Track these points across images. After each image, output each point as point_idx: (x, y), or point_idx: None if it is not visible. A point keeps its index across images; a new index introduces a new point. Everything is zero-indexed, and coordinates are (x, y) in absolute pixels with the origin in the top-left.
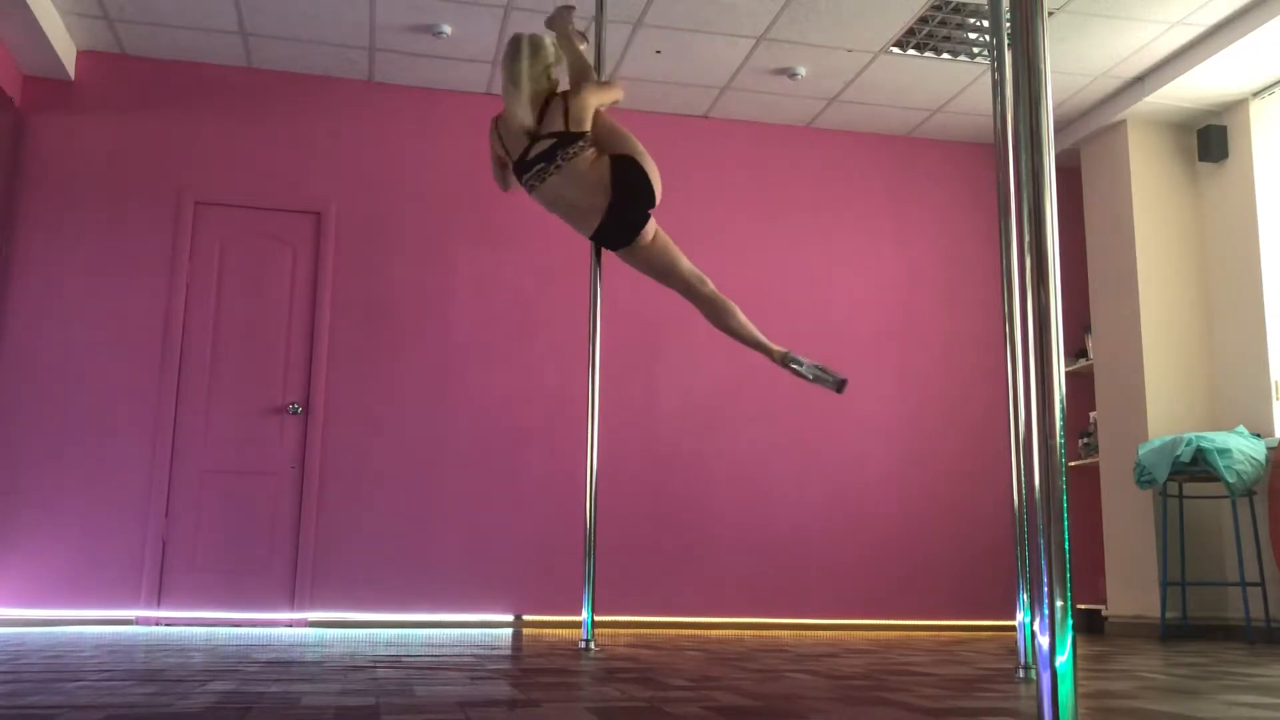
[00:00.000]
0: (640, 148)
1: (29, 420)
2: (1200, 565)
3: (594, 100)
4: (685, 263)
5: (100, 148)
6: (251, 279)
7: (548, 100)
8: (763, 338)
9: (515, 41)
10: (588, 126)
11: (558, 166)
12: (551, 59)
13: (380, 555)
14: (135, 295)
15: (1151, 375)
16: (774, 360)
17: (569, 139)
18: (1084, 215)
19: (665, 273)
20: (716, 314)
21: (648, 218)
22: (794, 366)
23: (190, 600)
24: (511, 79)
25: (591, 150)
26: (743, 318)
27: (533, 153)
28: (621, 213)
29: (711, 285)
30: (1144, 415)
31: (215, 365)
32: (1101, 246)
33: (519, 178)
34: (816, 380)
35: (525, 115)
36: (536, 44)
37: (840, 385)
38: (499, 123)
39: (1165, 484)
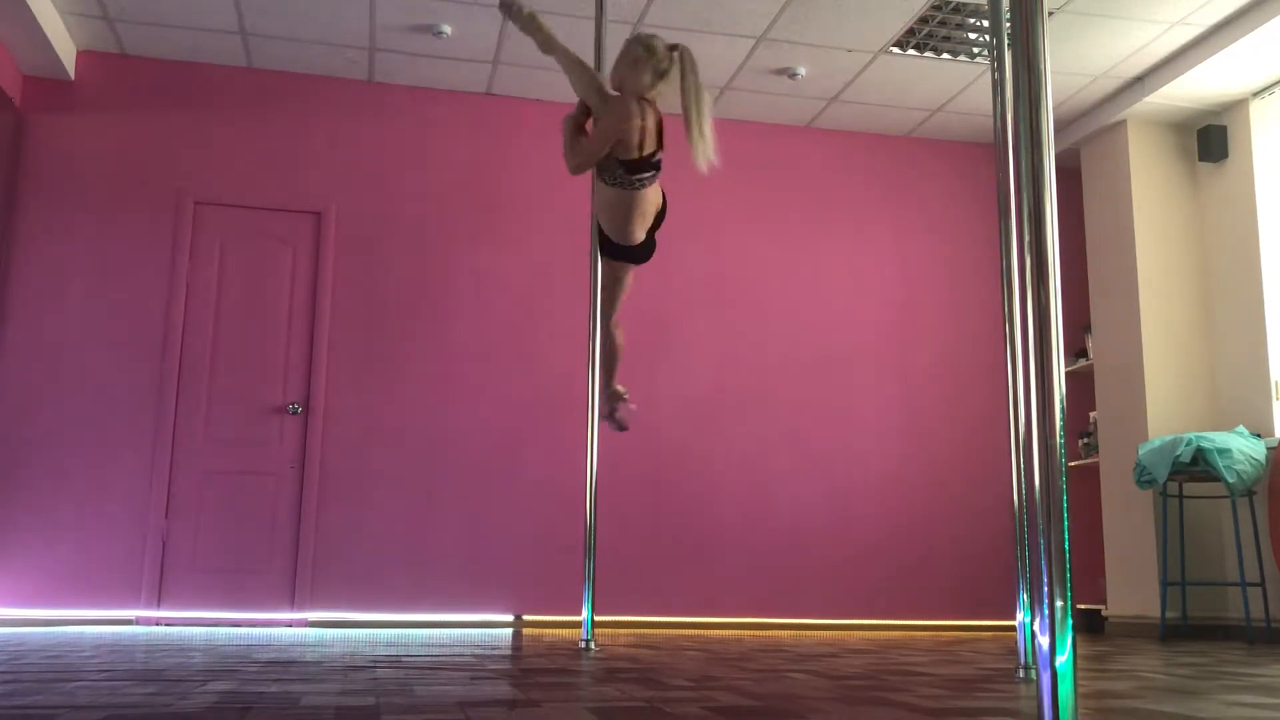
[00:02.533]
0: None
1: (29, 420)
2: (1200, 565)
3: None
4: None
5: (100, 148)
6: (251, 279)
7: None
8: (615, 377)
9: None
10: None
11: (643, 185)
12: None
13: (380, 555)
14: (135, 295)
15: (1151, 375)
16: (610, 399)
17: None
18: (1084, 215)
19: (621, 295)
20: (616, 342)
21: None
22: (618, 403)
23: (190, 600)
24: (704, 110)
25: None
26: (618, 362)
27: (656, 157)
28: (651, 236)
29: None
30: (1144, 415)
31: (215, 365)
32: (1101, 246)
33: (631, 171)
34: (613, 418)
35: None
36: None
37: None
38: (646, 112)
39: (1165, 484)
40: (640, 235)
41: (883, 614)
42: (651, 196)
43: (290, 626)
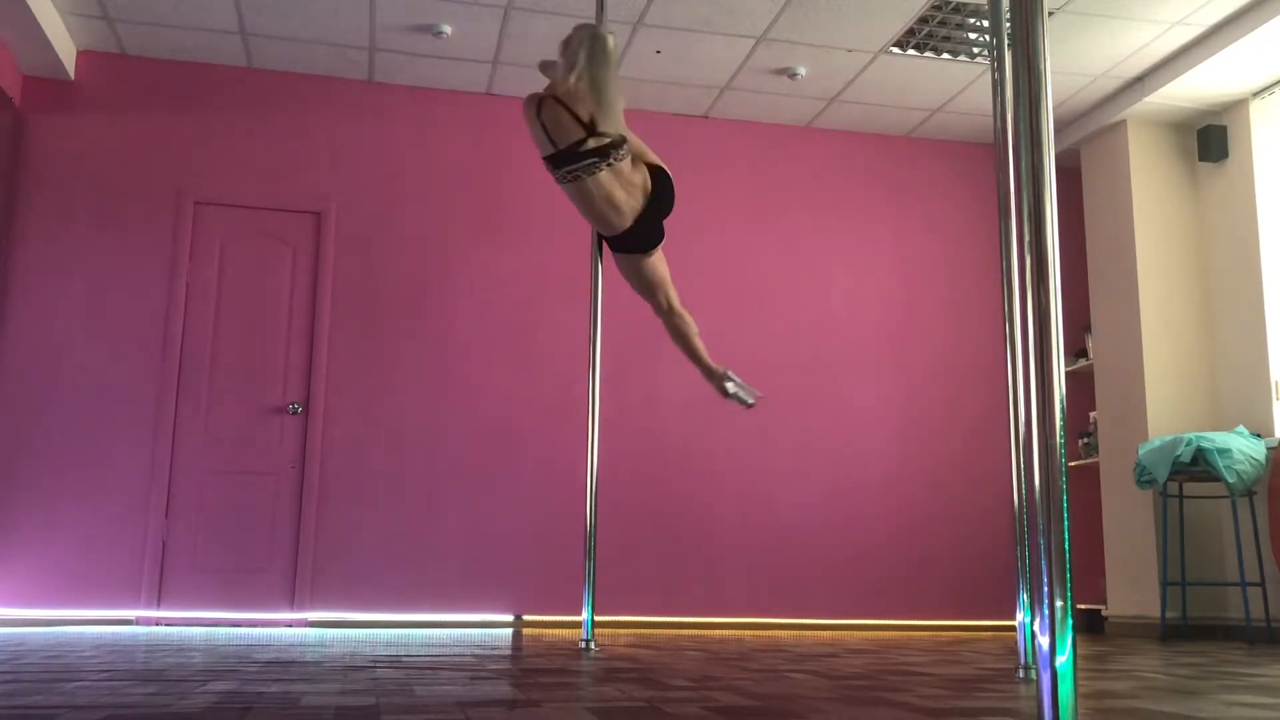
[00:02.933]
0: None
1: (29, 420)
2: (1200, 565)
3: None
4: (668, 279)
5: (100, 148)
6: (251, 279)
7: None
8: (708, 360)
9: (605, 43)
10: (623, 130)
11: (609, 164)
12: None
13: (380, 555)
14: (135, 295)
15: (1151, 375)
16: (713, 381)
17: (620, 142)
18: (1084, 215)
19: (654, 284)
20: (681, 331)
21: (663, 230)
22: (727, 385)
23: (190, 600)
24: (599, 86)
25: (630, 157)
26: (699, 340)
27: (588, 146)
28: (651, 219)
29: (680, 305)
30: (1144, 415)
31: (215, 365)
32: (1101, 246)
33: (556, 166)
34: (734, 396)
35: (619, 121)
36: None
37: (752, 402)
38: (543, 107)
39: (1165, 484)
40: (619, 222)
41: (883, 614)
42: (610, 182)
43: (290, 626)
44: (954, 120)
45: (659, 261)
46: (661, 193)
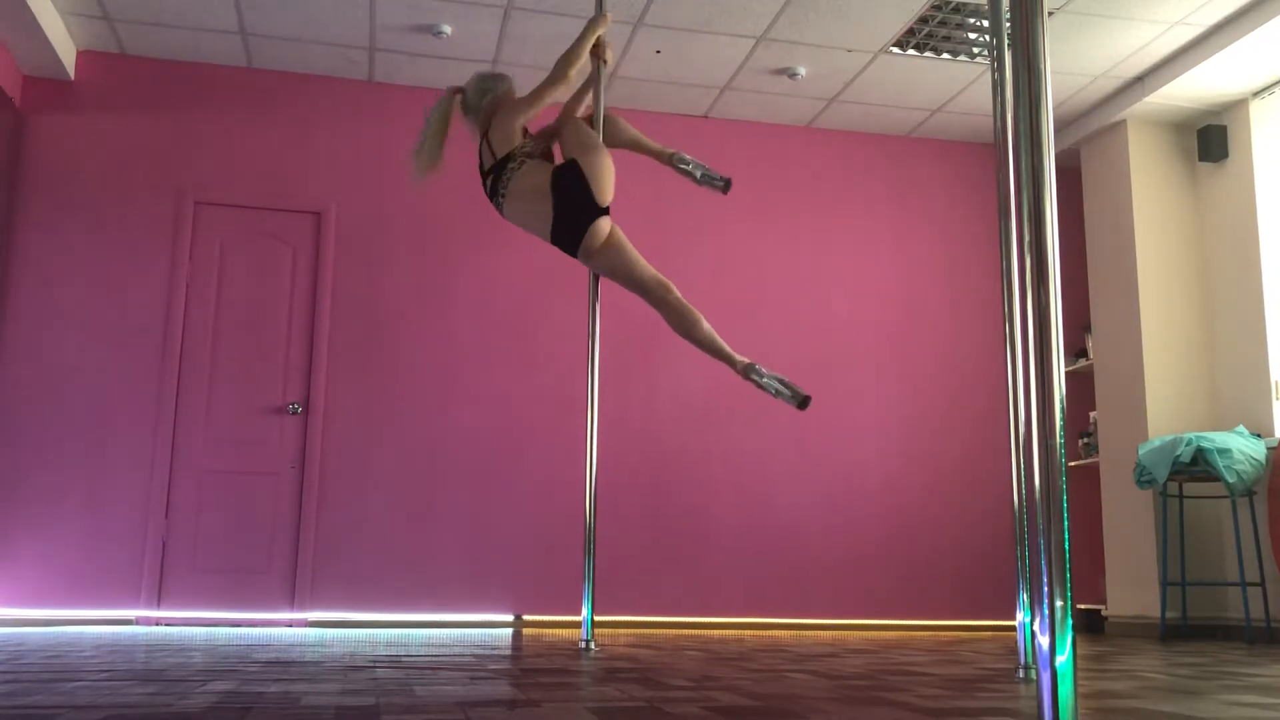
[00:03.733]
0: (591, 146)
1: (29, 420)
2: (1200, 565)
3: (513, 118)
4: (645, 267)
5: (100, 148)
6: (251, 279)
7: (485, 138)
8: (727, 348)
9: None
10: (514, 144)
11: (502, 196)
12: (475, 104)
13: (380, 555)
14: (135, 295)
15: (1151, 375)
16: (736, 371)
17: (499, 167)
18: (1084, 215)
19: (625, 277)
20: (681, 322)
21: (592, 220)
22: (755, 378)
23: (190, 600)
24: (420, 136)
25: (531, 161)
26: (707, 327)
27: (487, 189)
28: (566, 217)
29: (677, 292)
30: (1144, 415)
31: (215, 365)
32: (1101, 246)
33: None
34: (778, 395)
35: (421, 172)
36: (459, 99)
37: (803, 402)
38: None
39: (1165, 484)
40: (544, 230)
41: (883, 614)
42: (515, 207)
43: (290, 626)
44: (954, 120)
45: (611, 251)
46: (558, 191)
